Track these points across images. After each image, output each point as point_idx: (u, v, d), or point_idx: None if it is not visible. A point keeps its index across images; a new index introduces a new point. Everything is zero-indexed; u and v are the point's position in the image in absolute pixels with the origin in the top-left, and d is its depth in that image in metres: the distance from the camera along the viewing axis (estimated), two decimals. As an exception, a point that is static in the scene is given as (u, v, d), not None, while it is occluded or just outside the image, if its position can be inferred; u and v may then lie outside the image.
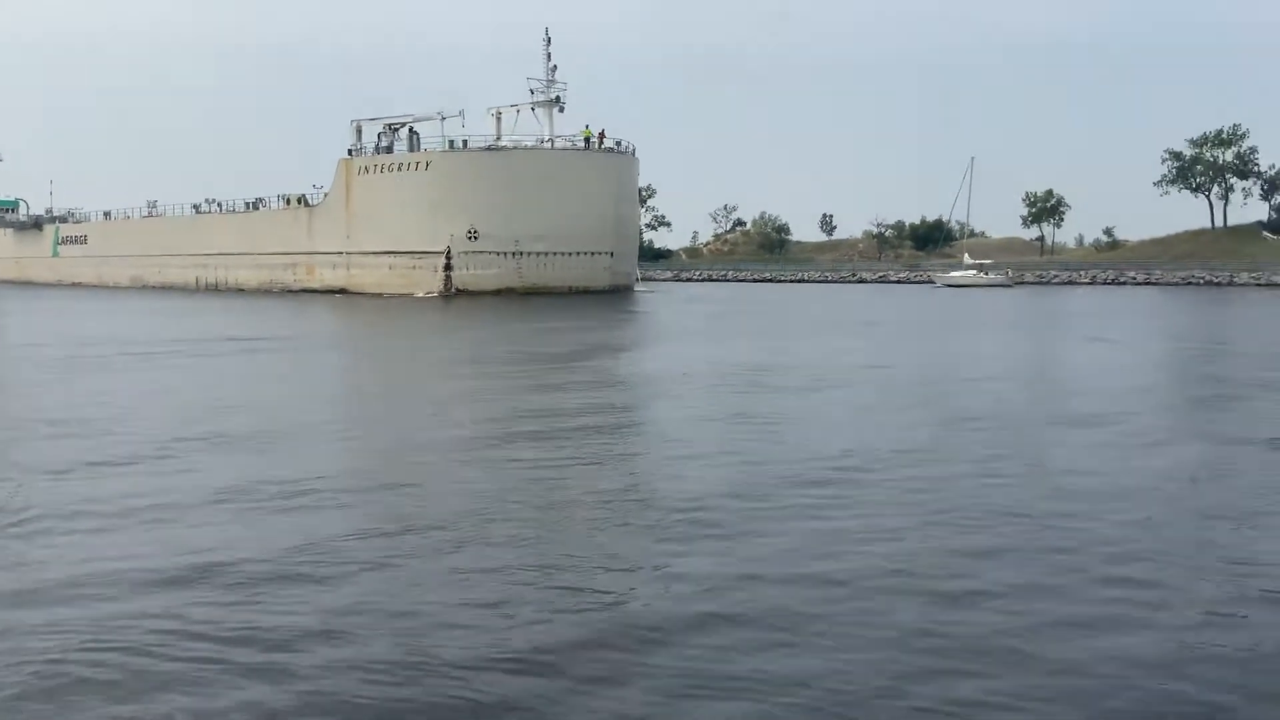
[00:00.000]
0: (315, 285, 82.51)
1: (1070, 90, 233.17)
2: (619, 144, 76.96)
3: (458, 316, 53.53)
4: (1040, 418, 18.29)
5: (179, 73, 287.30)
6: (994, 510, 11.13)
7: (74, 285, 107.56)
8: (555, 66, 76.07)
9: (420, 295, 72.91)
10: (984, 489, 12.23)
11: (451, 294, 73.54)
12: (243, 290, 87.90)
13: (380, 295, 73.79)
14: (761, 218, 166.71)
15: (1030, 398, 21.66)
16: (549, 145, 75.22)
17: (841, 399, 20.81)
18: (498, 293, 71.89)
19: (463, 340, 38.90)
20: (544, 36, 76.22)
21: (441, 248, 74.29)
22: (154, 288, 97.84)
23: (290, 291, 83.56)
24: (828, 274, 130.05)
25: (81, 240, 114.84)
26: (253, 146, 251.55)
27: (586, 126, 75.09)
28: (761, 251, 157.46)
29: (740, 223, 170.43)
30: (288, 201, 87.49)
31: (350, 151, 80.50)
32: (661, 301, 67.84)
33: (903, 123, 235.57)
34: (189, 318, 52.31)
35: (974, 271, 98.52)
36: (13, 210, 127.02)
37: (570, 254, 74.14)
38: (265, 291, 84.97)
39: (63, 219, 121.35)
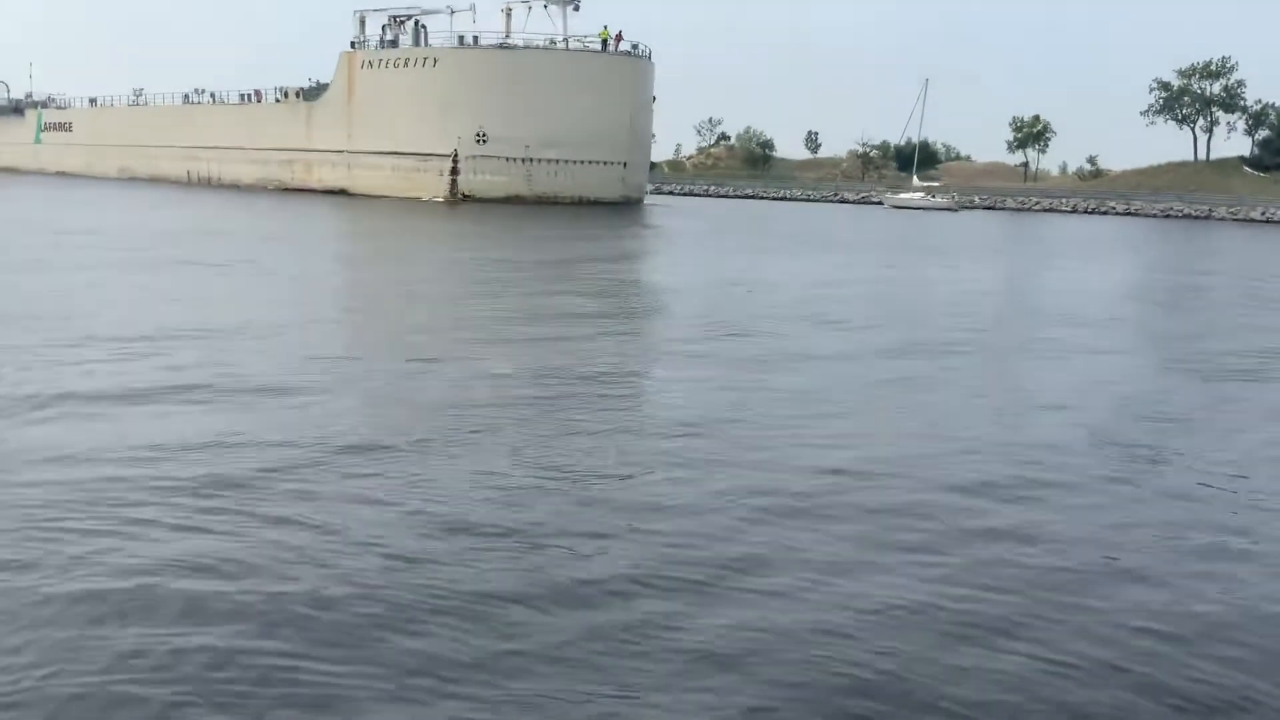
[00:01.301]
0: (314, 184, 75.85)
1: (1063, 15, 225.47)
2: (636, 47, 70.33)
3: (471, 228, 47.65)
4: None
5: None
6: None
7: (58, 174, 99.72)
8: (569, -38, 69.08)
9: (425, 200, 66.75)
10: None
11: (458, 200, 67.46)
12: (237, 186, 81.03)
13: (383, 198, 67.60)
14: (746, 133, 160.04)
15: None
16: (564, 45, 68.52)
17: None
18: (505, 200, 65.96)
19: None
20: (562, -71, 69.12)
21: (448, 150, 67.93)
22: (143, 179, 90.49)
23: (287, 189, 76.92)
24: (810, 193, 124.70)
25: (66, 128, 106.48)
26: (247, 38, 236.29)
27: (605, 27, 68.38)
28: (745, 167, 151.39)
29: (725, 137, 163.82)
30: (286, 95, 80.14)
31: (353, 44, 73.35)
32: (673, 216, 62.22)
33: (894, 43, 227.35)
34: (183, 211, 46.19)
35: (921, 195, 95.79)
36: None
37: (583, 162, 67.98)
38: (261, 188, 78.24)
39: (44, 105, 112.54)
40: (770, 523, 7.37)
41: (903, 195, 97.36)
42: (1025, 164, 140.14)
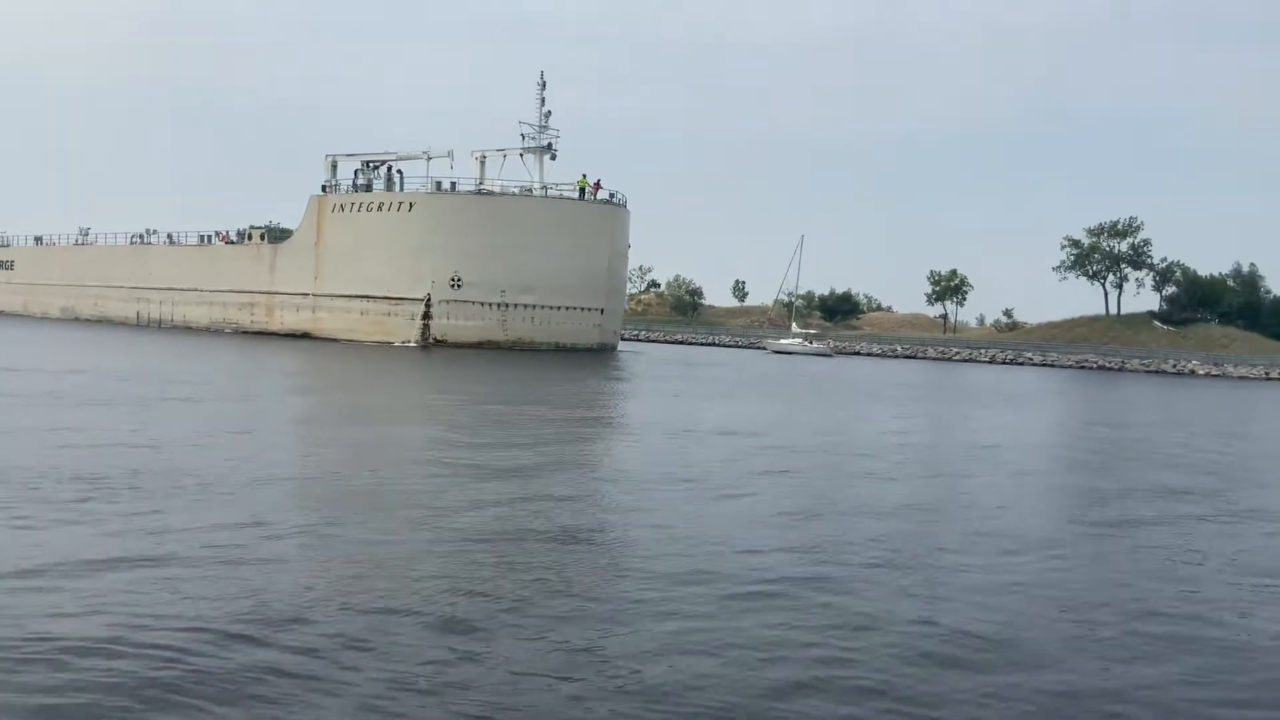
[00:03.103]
0: (275, 328, 69.38)
1: (977, 175, 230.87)
2: (613, 195, 66.38)
3: (448, 374, 42.11)
4: None
5: (126, 101, 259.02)
6: None
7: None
8: (549, 112, 65.51)
9: (398, 344, 60.96)
10: None
11: (429, 344, 61.74)
12: (190, 328, 74.06)
13: (349, 342, 61.56)
14: (676, 280, 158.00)
15: None
16: (541, 192, 64.22)
17: None
18: (479, 346, 60.53)
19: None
20: (539, 80, 65.78)
21: (421, 294, 62.48)
22: (88, 319, 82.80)
23: (245, 332, 70.31)
24: (738, 338, 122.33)
25: (8, 266, 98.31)
26: (211, 189, 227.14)
27: (583, 175, 64.44)
28: (674, 313, 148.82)
29: (655, 284, 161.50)
30: (248, 236, 74.05)
31: (324, 188, 68.07)
32: (645, 363, 57.60)
33: (816, 201, 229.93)
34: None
35: (799, 340, 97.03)
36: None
37: (559, 308, 63.04)
38: (217, 331, 71.48)
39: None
40: None
41: (783, 341, 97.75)
42: (944, 315, 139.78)
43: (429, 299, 62.36)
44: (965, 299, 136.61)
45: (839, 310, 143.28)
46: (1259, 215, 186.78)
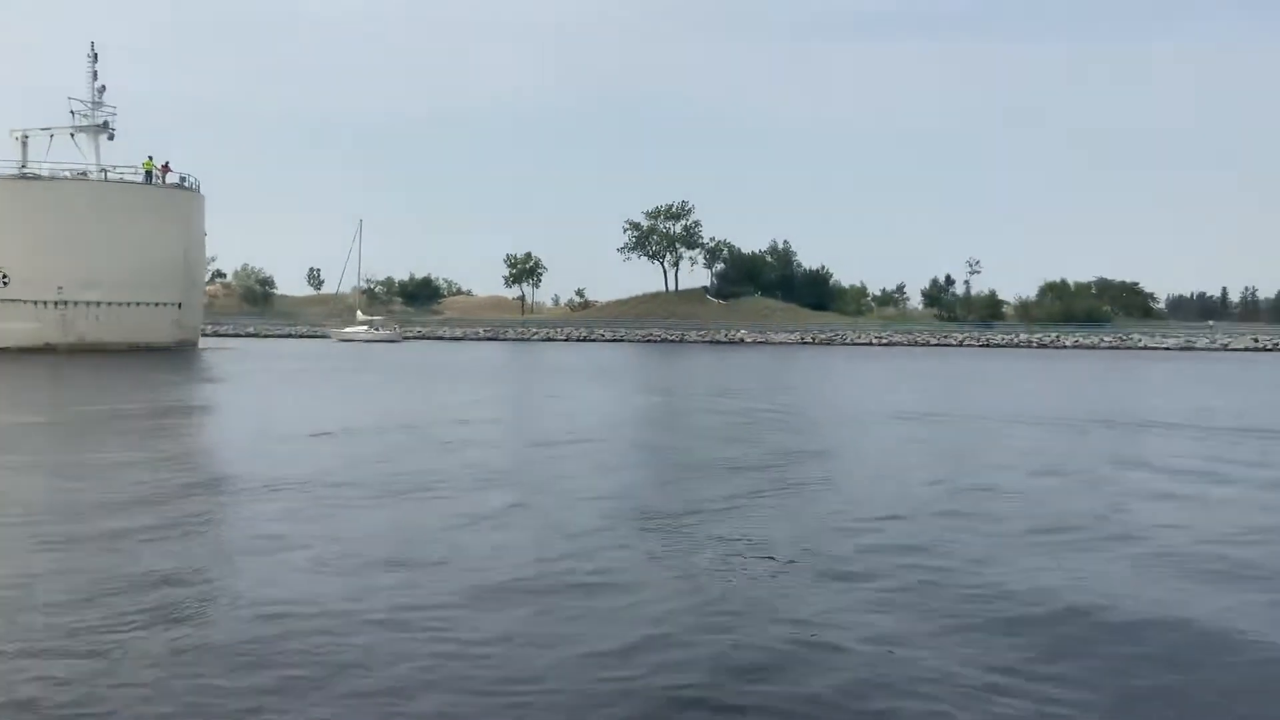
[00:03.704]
0: None
1: (551, 158, 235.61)
2: (184, 179, 60.81)
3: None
4: None
5: None
6: None
7: None
8: (103, 87, 58.71)
9: (-72, 352, 51.98)
10: None
11: (-31, 350, 53.28)
12: None
13: None
14: (244, 270, 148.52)
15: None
16: (100, 176, 57.43)
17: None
18: (35, 350, 53.19)
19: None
20: (89, 52, 58.57)
21: (-46, 294, 53.66)
22: None
23: None
24: (315, 329, 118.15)
25: None
26: None
27: (149, 158, 58.35)
28: (245, 304, 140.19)
29: (220, 274, 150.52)
30: None
31: None
32: (232, 359, 53.75)
33: (384, 183, 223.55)
34: None
35: (365, 328, 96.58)
36: None
37: (131, 304, 56.86)
38: None
39: None
40: None
41: (348, 329, 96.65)
42: (521, 297, 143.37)
43: (-35, 299, 53.77)
44: (541, 280, 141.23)
45: (420, 295, 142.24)
46: (789, 196, 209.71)
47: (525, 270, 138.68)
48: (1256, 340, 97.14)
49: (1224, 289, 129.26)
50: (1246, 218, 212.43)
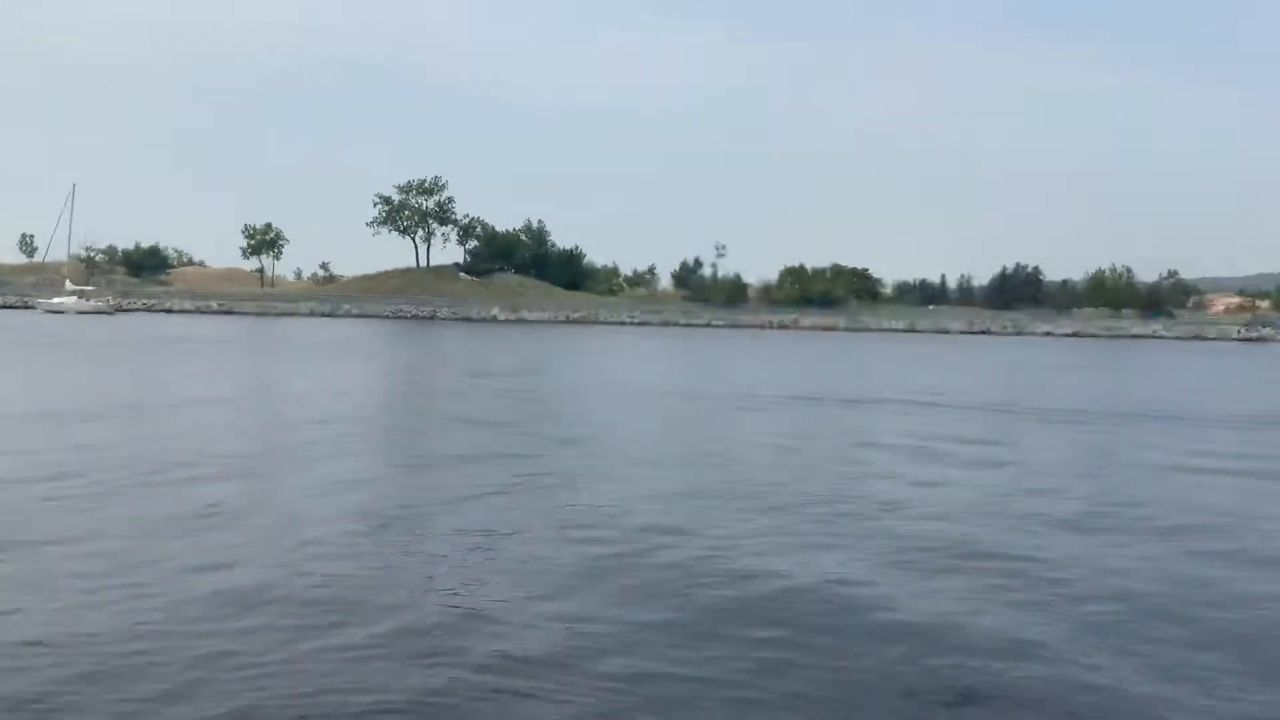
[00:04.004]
0: None
1: (289, 127, 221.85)
2: None
3: None
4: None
5: None
6: None
7: None
8: None
9: None
10: None
11: None
12: None
13: None
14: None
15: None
16: None
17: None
18: None
19: None
20: None
21: None
22: None
23: None
24: (25, 298, 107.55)
25: None
26: None
27: None
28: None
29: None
30: None
31: None
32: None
33: (102, 143, 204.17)
34: None
35: (74, 299, 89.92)
36: None
37: None
38: None
39: None
40: None
41: (56, 300, 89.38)
42: (261, 270, 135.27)
43: None
44: (282, 253, 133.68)
45: (147, 265, 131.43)
46: (543, 176, 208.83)
47: (265, 242, 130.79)
48: (971, 324, 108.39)
49: (943, 275, 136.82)
50: (964, 210, 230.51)
